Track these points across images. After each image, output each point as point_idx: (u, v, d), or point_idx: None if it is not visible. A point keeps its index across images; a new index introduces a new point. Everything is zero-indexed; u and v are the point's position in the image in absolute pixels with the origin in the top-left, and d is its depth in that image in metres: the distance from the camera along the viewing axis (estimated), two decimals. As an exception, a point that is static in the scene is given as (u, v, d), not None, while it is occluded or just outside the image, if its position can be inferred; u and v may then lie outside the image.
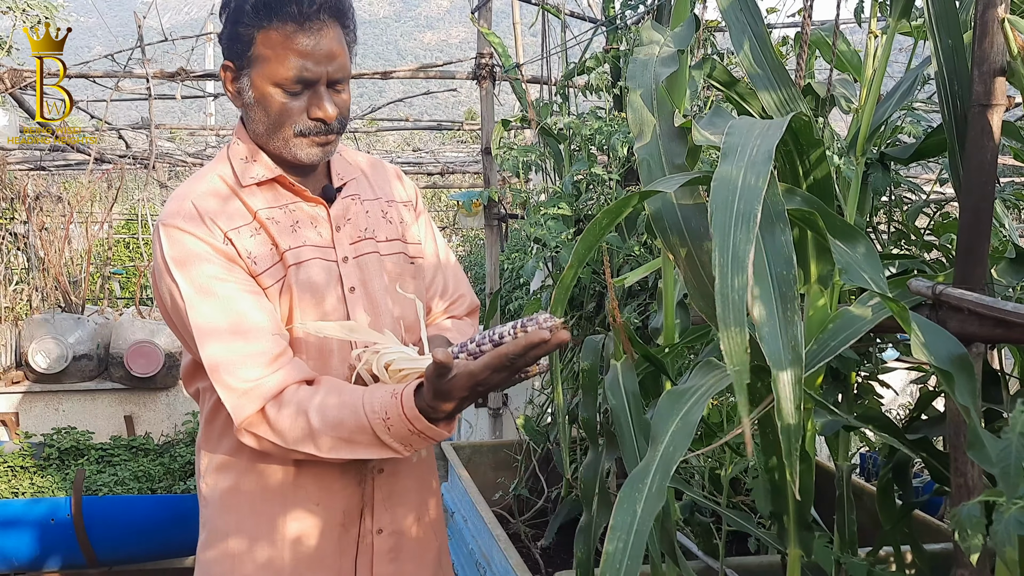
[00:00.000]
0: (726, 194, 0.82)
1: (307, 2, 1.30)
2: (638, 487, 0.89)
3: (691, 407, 1.00)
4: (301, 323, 1.36)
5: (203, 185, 1.41)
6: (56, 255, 4.49)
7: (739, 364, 0.78)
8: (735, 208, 0.81)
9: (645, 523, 0.87)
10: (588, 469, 1.36)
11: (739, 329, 0.78)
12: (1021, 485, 0.73)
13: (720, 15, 1.56)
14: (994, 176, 1.18)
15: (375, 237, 1.48)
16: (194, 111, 24.74)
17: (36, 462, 3.44)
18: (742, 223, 0.80)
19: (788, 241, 0.85)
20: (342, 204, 1.47)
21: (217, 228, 1.35)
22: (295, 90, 1.33)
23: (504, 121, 3.09)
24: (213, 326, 1.30)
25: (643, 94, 1.18)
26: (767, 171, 0.82)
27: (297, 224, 1.41)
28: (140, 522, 3.29)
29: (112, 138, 5.90)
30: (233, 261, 1.34)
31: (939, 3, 1.11)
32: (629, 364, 1.41)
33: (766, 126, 0.90)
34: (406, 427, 1.23)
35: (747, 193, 0.81)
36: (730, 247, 0.79)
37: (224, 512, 1.44)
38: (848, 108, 1.82)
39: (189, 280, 1.31)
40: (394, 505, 1.48)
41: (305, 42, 1.30)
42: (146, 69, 3.85)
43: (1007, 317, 1.08)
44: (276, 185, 1.43)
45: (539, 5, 3.01)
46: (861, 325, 1.21)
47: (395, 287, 1.48)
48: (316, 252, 1.41)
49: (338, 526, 1.43)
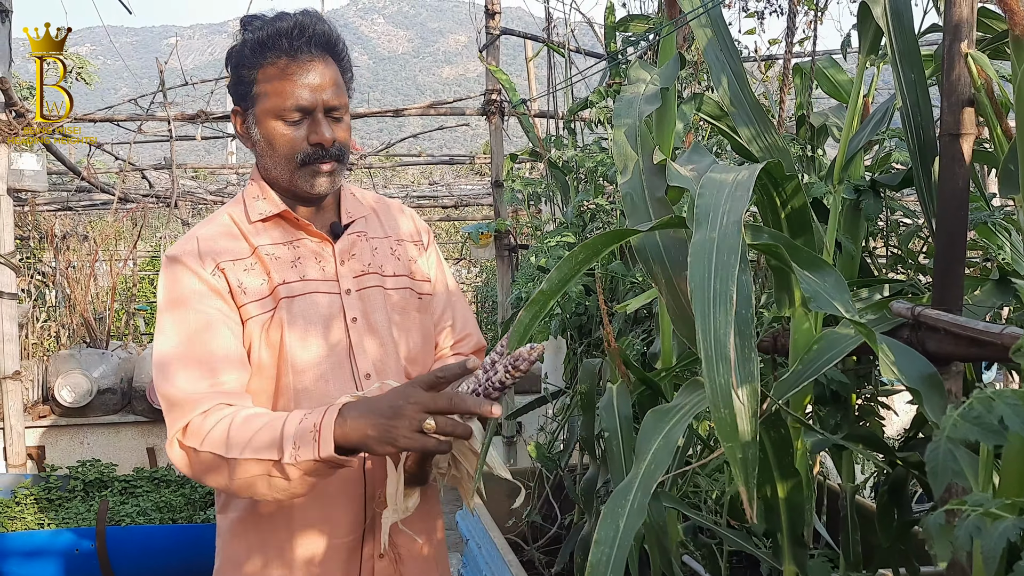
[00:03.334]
0: (702, 272, 0.88)
1: (296, 36, 1.40)
2: (621, 503, 0.94)
3: (674, 426, 1.05)
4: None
5: (212, 224, 1.49)
6: (82, 292, 4.62)
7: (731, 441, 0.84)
8: (712, 288, 0.87)
9: (627, 537, 0.91)
10: (587, 484, 1.41)
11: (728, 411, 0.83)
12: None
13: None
14: (966, 202, 1.24)
15: (381, 272, 1.54)
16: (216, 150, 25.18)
17: (61, 494, 3.52)
18: (720, 306, 0.85)
19: (748, 281, 0.90)
20: (348, 240, 1.53)
21: (211, 261, 1.41)
22: (294, 119, 1.41)
23: (512, 155, 3.17)
24: (175, 339, 1.37)
25: (627, 131, 1.25)
26: (738, 244, 0.88)
27: (299, 260, 1.47)
28: (162, 552, 3.35)
29: (136, 178, 6.06)
30: (217, 292, 1.40)
31: (902, 40, 1.17)
32: (624, 387, 1.46)
33: (734, 186, 0.96)
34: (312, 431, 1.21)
35: (723, 270, 0.87)
36: (711, 333, 0.85)
37: (233, 540, 1.49)
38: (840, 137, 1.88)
39: (170, 301, 1.40)
40: (396, 530, 1.49)
41: (299, 72, 1.40)
42: (168, 112, 3.98)
43: (980, 336, 1.13)
44: (283, 221, 1.49)
45: (545, 43, 3.11)
46: (845, 345, 1.26)
47: (398, 318, 1.53)
48: (317, 286, 1.46)
49: (342, 551, 1.47)
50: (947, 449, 0.67)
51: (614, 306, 2.19)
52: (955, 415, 0.70)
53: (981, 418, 0.69)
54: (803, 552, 1.42)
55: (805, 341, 1.35)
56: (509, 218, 3.52)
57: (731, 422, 0.84)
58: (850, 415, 1.83)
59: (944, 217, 1.25)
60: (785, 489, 1.40)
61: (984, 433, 0.69)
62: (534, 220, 2.89)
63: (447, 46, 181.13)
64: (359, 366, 1.46)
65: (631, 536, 0.92)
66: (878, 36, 1.30)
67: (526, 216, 2.82)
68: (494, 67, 3.41)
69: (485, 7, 3.48)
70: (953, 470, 0.71)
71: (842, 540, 1.81)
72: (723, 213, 0.93)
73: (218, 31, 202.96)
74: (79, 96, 6.14)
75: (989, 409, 0.68)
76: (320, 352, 1.43)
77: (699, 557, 2.01)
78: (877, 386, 1.92)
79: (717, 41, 1.30)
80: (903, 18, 1.31)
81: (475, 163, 6.50)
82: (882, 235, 2.08)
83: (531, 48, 4.29)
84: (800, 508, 1.40)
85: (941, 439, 0.68)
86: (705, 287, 0.88)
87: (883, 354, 1.04)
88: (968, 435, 0.69)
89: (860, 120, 1.58)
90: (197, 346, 1.36)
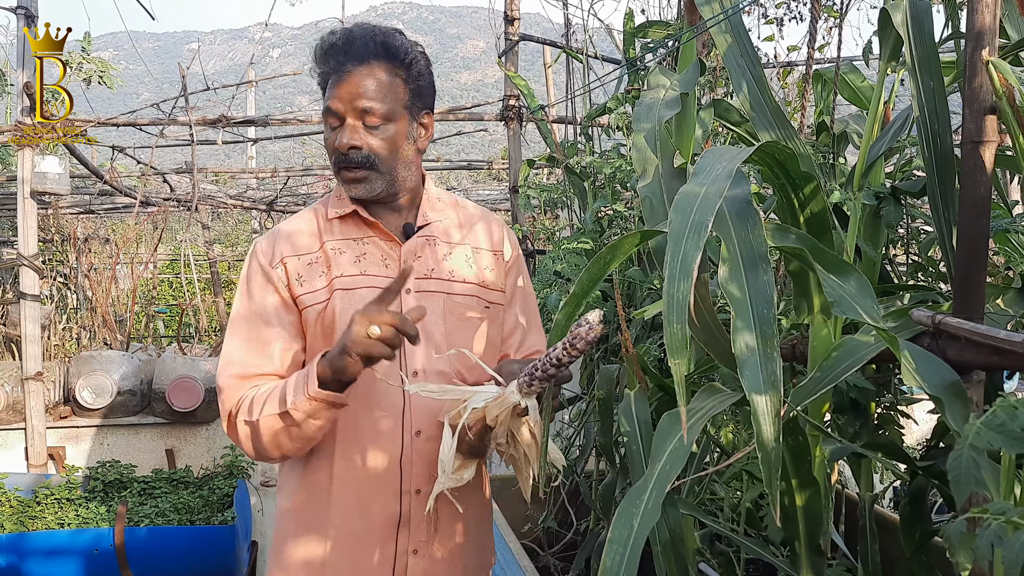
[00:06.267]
0: (685, 206, 0.90)
1: (339, 47, 1.50)
2: (635, 503, 0.94)
3: (690, 428, 1.05)
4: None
5: (297, 218, 1.63)
6: (103, 294, 4.66)
7: (679, 357, 0.84)
8: (690, 219, 0.88)
9: (641, 537, 0.92)
10: (606, 489, 1.41)
11: (680, 326, 0.84)
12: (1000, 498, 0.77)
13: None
14: (988, 209, 1.23)
15: (447, 277, 1.58)
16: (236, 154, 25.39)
17: (82, 494, 3.55)
18: (694, 233, 0.87)
19: (770, 281, 0.90)
20: (415, 242, 1.58)
21: (278, 253, 1.55)
22: (333, 124, 1.51)
23: (530, 160, 3.18)
24: (236, 324, 1.54)
25: (647, 135, 1.25)
26: (726, 186, 0.88)
27: (364, 256, 1.56)
28: (179, 552, 3.37)
29: (157, 182, 6.12)
30: (275, 285, 1.54)
31: (921, 47, 1.16)
32: (642, 393, 1.46)
33: (737, 152, 0.97)
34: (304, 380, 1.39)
35: (704, 205, 0.88)
36: (680, 253, 0.86)
37: (282, 521, 1.59)
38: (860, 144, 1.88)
39: (242, 283, 1.58)
40: (443, 500, 1.49)
41: (336, 81, 1.49)
42: (189, 117, 4.02)
43: (1001, 345, 1.12)
44: (355, 219, 1.58)
45: (563, 49, 3.11)
46: (864, 353, 1.25)
47: (457, 324, 1.56)
48: (375, 282, 1.53)
49: (376, 541, 1.52)
50: (970, 457, 0.67)
51: (631, 312, 2.18)
52: (978, 423, 0.70)
53: (1005, 426, 0.68)
54: (821, 561, 1.41)
55: (824, 348, 1.35)
56: (526, 223, 3.52)
57: (681, 337, 0.85)
58: (869, 423, 1.82)
59: (965, 224, 1.24)
60: (803, 497, 1.40)
61: (1008, 441, 0.68)
62: (551, 226, 2.89)
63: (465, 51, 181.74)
64: (407, 363, 1.52)
65: (645, 536, 0.92)
66: (899, 43, 1.29)
67: (546, 222, 2.82)
68: (512, 73, 3.42)
69: (504, 13, 3.49)
70: (976, 479, 0.71)
71: (860, 550, 1.80)
72: (719, 167, 0.95)
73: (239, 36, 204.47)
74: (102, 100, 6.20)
75: (1013, 417, 0.68)
76: None
77: (716, 565, 2.01)
78: (897, 395, 1.91)
79: (738, 47, 1.30)
80: (923, 26, 1.30)
81: (493, 168, 6.51)
82: (902, 242, 2.07)
83: (549, 54, 4.30)
84: (818, 517, 1.40)
85: (964, 447, 0.67)
86: (684, 220, 0.90)
87: (905, 361, 1.04)
88: (991, 443, 0.68)
89: (881, 127, 1.58)
90: (252, 339, 1.52)
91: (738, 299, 0.91)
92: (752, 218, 1.00)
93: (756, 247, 0.93)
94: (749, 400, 0.88)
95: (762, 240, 0.94)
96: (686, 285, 0.83)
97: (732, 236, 0.99)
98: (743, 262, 0.97)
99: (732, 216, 1.01)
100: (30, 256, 3.70)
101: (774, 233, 1.07)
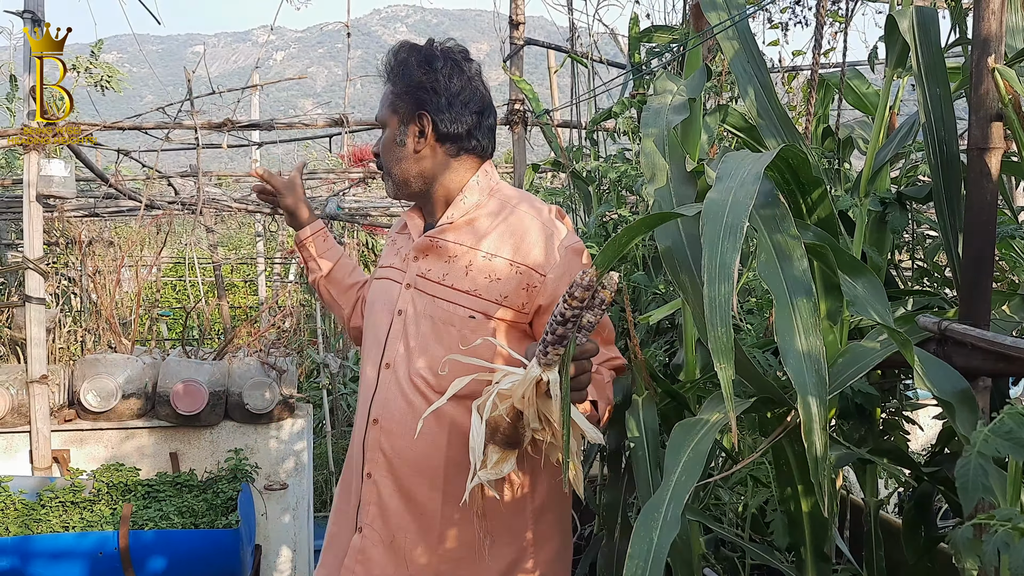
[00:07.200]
0: (717, 209, 0.90)
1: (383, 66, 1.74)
2: (654, 516, 0.95)
3: (702, 437, 1.06)
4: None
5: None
6: (108, 298, 4.67)
7: (725, 361, 0.84)
8: (724, 221, 0.88)
9: (662, 550, 0.92)
10: (610, 496, 1.41)
11: (725, 329, 0.84)
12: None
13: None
14: (994, 216, 1.23)
15: (437, 280, 1.63)
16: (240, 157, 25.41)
17: (86, 497, 3.56)
18: (729, 235, 0.87)
19: (806, 270, 0.91)
20: (423, 240, 1.69)
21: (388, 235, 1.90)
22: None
23: (534, 165, 3.18)
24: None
25: (656, 140, 1.25)
26: (755, 189, 0.89)
27: (399, 248, 1.77)
28: (184, 556, 3.37)
29: (161, 185, 6.14)
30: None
31: (927, 54, 1.17)
32: (650, 399, 1.46)
33: (758, 156, 0.98)
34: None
35: (736, 208, 0.89)
36: (718, 255, 0.87)
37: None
38: (866, 149, 1.88)
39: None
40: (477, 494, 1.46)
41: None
42: (195, 120, 4.03)
43: (1008, 352, 1.12)
44: (411, 215, 1.79)
45: (568, 54, 3.12)
46: (871, 359, 1.25)
47: (429, 328, 1.61)
48: (393, 274, 1.74)
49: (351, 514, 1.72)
50: (978, 464, 0.67)
51: (637, 317, 2.18)
52: (986, 430, 0.70)
53: (1013, 433, 0.68)
54: (826, 567, 1.41)
55: (830, 354, 1.35)
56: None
57: (727, 340, 0.85)
58: (875, 429, 1.82)
59: (972, 231, 1.25)
60: (809, 503, 1.40)
61: (1016, 449, 0.69)
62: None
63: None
64: (386, 352, 1.67)
65: (665, 549, 0.92)
66: (905, 50, 1.30)
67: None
68: (517, 77, 3.43)
69: (509, 18, 3.49)
70: (984, 485, 0.71)
71: (865, 556, 1.79)
72: (744, 171, 0.96)
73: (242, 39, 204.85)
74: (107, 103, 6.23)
75: (1021, 425, 0.68)
76: (371, 327, 1.76)
77: (721, 570, 2.01)
78: (902, 400, 1.91)
79: (744, 53, 1.31)
80: (929, 33, 1.30)
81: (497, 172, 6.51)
82: (908, 248, 2.07)
83: (553, 58, 4.30)
84: (824, 522, 1.40)
85: (972, 454, 0.68)
86: (718, 224, 0.90)
87: (917, 365, 1.04)
88: (999, 450, 0.68)
89: (887, 133, 1.58)
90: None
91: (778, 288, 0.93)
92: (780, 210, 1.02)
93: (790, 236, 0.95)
94: (798, 401, 0.89)
95: (794, 230, 0.96)
96: (727, 287, 0.84)
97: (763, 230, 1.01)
98: (776, 254, 0.98)
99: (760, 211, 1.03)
100: (35, 259, 3.71)
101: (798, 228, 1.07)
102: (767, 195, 1.01)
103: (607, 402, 1.53)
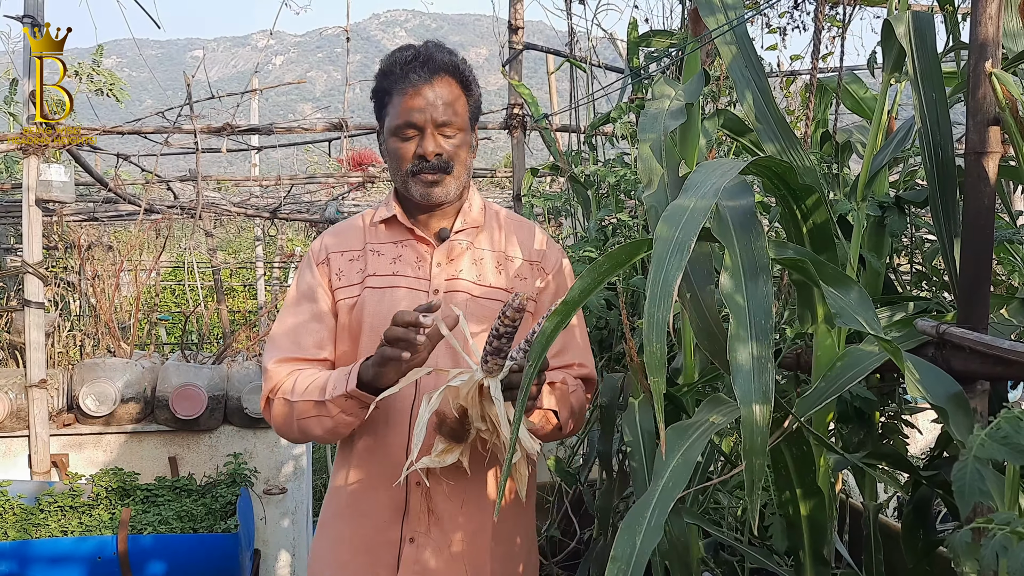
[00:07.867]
0: (671, 225, 0.91)
1: (410, 64, 1.63)
2: (638, 520, 0.95)
3: (694, 442, 1.05)
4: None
5: (349, 221, 1.78)
6: (107, 302, 4.67)
7: (658, 376, 0.86)
8: (675, 238, 0.89)
9: (644, 554, 0.92)
10: (603, 499, 1.41)
11: (660, 346, 0.86)
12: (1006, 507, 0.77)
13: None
14: (992, 220, 1.23)
15: (474, 280, 1.68)
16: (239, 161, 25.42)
17: (85, 501, 3.55)
18: (677, 252, 0.88)
19: (768, 292, 0.91)
20: (447, 246, 1.69)
21: (324, 253, 1.72)
22: (408, 135, 1.63)
23: (533, 169, 3.19)
24: (284, 312, 1.70)
25: (652, 145, 1.26)
26: (712, 203, 0.89)
27: (399, 257, 1.69)
28: (183, 560, 3.37)
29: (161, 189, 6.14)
30: (319, 284, 1.69)
31: (923, 60, 1.17)
32: (646, 402, 1.46)
33: (729, 166, 0.98)
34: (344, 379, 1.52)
35: (688, 224, 0.89)
36: (663, 272, 0.87)
37: (327, 499, 1.75)
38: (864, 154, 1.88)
39: (292, 290, 1.74)
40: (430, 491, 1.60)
41: (411, 95, 1.62)
42: (194, 125, 4.04)
43: (1006, 355, 1.12)
44: (396, 224, 1.71)
45: (567, 58, 3.12)
46: (868, 363, 1.25)
47: (475, 327, 1.62)
48: (404, 282, 1.67)
49: (382, 529, 1.63)
50: (974, 468, 0.67)
51: (635, 320, 2.19)
52: (982, 435, 0.70)
53: (1009, 438, 0.68)
54: (825, 571, 1.41)
55: (828, 358, 1.35)
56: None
57: (660, 357, 0.87)
58: (873, 433, 1.82)
59: (969, 235, 1.25)
60: (807, 507, 1.40)
61: (1012, 453, 0.69)
62: (555, 235, 2.90)
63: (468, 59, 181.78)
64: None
65: (647, 553, 0.92)
66: (901, 54, 1.30)
67: (550, 230, 2.83)
68: (517, 82, 3.43)
69: (508, 22, 3.50)
70: (980, 490, 0.71)
71: (864, 560, 1.79)
72: (709, 184, 0.96)
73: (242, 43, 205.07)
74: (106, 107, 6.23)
75: (1017, 429, 0.68)
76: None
77: (720, 574, 2.00)
78: (901, 404, 1.91)
79: (742, 57, 1.31)
80: (925, 38, 1.31)
81: (496, 176, 6.52)
82: (907, 252, 2.07)
83: (552, 62, 4.30)
84: (822, 526, 1.40)
85: (968, 458, 0.68)
86: (669, 237, 0.91)
87: (909, 372, 1.04)
88: (995, 455, 0.68)
89: (884, 137, 1.58)
90: (296, 327, 1.67)
91: (739, 308, 0.92)
92: (755, 229, 1.01)
93: (757, 258, 0.94)
94: (741, 409, 0.89)
95: (764, 252, 0.95)
96: (666, 306, 0.85)
97: (735, 246, 1.00)
98: (744, 272, 0.98)
99: (736, 227, 1.02)
100: (35, 263, 3.71)
101: (774, 247, 1.08)
102: (744, 212, 1.00)
103: (569, 411, 1.62)
